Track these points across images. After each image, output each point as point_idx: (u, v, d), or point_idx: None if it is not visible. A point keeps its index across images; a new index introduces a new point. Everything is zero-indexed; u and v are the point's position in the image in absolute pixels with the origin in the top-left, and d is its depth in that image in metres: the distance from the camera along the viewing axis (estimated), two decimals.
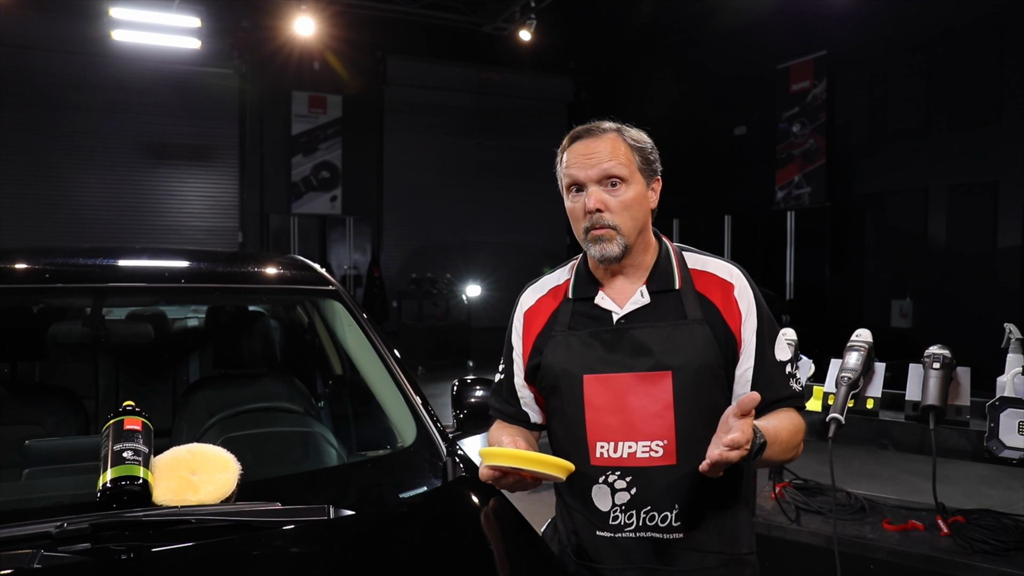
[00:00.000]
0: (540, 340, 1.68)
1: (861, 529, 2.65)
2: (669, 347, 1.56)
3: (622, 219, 1.57)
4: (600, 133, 1.61)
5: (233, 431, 2.10)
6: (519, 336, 1.73)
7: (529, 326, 1.72)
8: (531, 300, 1.75)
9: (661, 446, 1.55)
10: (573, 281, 1.70)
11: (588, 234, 1.58)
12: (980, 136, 9.51)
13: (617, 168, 1.57)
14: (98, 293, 2.54)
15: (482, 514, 1.79)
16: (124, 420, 1.63)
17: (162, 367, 3.41)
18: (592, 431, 1.58)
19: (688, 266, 1.67)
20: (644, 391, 1.55)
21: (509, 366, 1.77)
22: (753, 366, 1.60)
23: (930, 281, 10.16)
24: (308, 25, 11.75)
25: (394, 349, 2.44)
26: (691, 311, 1.59)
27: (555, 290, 1.73)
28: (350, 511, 1.63)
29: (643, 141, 1.65)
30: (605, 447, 1.57)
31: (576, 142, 1.63)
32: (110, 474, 1.53)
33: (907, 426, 2.52)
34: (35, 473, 1.92)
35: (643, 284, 1.63)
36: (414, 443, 2.06)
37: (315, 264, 2.80)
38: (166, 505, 1.55)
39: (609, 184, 1.57)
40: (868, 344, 2.68)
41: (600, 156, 1.57)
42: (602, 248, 1.57)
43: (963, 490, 5.70)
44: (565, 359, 1.61)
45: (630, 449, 1.55)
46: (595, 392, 1.57)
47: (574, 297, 1.67)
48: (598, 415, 1.57)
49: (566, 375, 1.60)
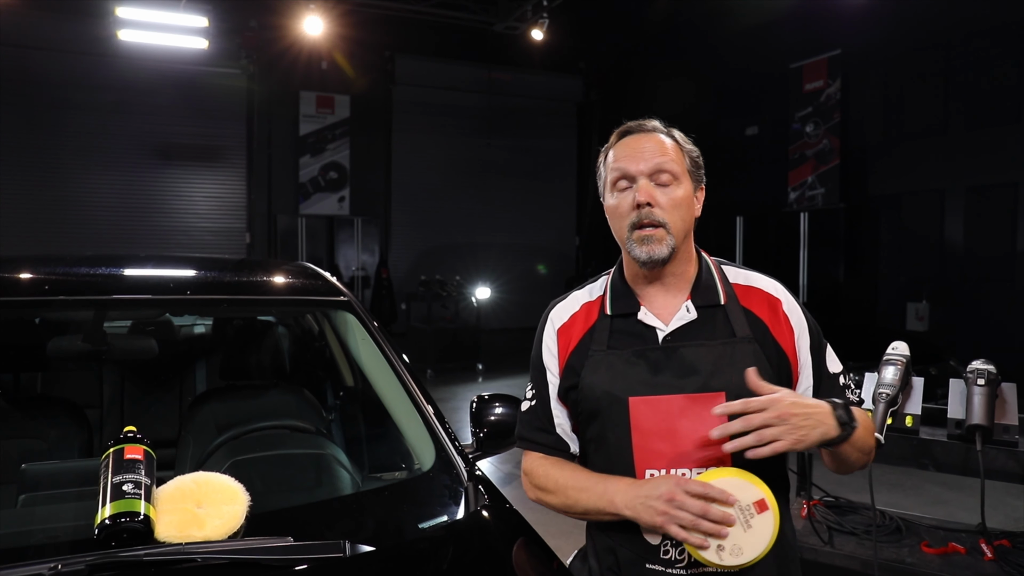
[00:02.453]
0: (575, 359, 1.55)
1: (899, 552, 2.52)
2: (720, 367, 1.46)
3: (672, 218, 1.47)
4: (652, 130, 1.54)
5: (241, 453, 1.99)
6: (553, 355, 1.58)
7: (564, 344, 1.58)
8: (563, 317, 1.61)
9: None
10: (610, 296, 1.58)
11: (633, 232, 1.47)
12: (998, 136, 9.35)
13: (670, 164, 1.48)
14: (100, 306, 2.43)
15: (512, 549, 1.66)
16: (124, 448, 1.51)
17: (167, 376, 3.30)
18: (640, 458, 1.45)
19: (730, 280, 1.58)
20: (696, 414, 1.43)
21: (542, 391, 1.60)
22: (812, 385, 1.54)
23: (947, 284, 10.00)
24: (317, 24, 11.66)
25: (409, 364, 2.32)
26: (739, 328, 1.50)
27: (588, 306, 1.60)
28: (368, 547, 1.51)
29: (692, 145, 1.57)
30: (655, 475, 1.44)
31: (627, 136, 1.54)
32: (109, 509, 1.41)
33: (950, 446, 2.39)
34: (31, 499, 1.81)
35: (687, 299, 1.53)
36: (433, 467, 1.94)
37: (325, 273, 2.69)
38: (169, 542, 1.43)
39: (660, 181, 1.48)
40: (906, 358, 2.54)
41: (653, 150, 1.49)
42: (650, 249, 1.46)
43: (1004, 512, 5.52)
44: (607, 381, 1.48)
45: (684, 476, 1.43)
46: (643, 416, 1.45)
47: (613, 313, 1.55)
48: (646, 440, 1.45)
49: (609, 398, 1.47)
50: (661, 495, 1.33)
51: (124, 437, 1.55)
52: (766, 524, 1.29)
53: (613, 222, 1.54)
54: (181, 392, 3.32)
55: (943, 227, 10.12)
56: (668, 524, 1.31)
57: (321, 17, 11.67)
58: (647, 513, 1.34)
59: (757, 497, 1.29)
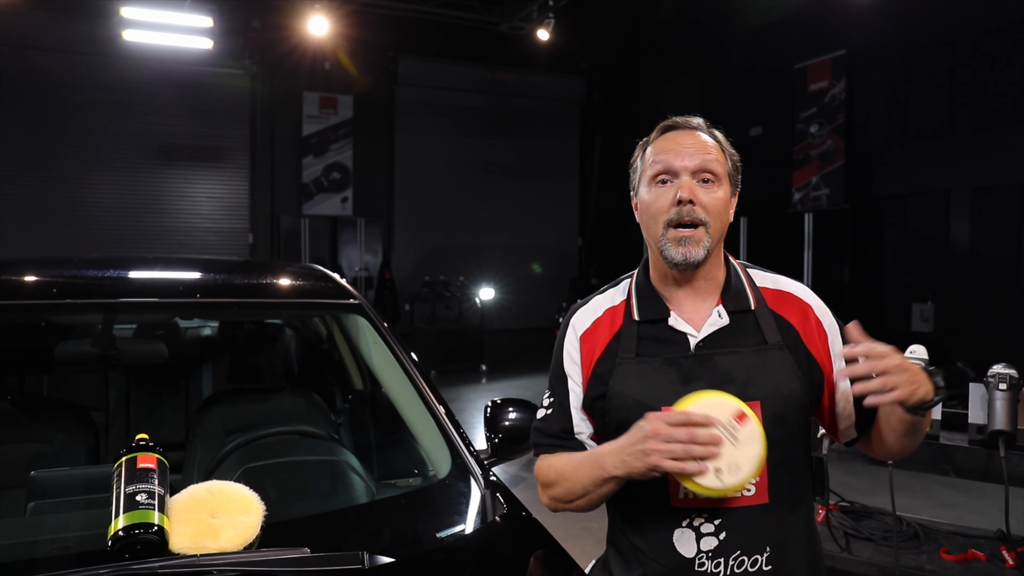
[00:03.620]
0: (601, 367, 1.48)
1: (918, 559, 2.48)
2: (754, 375, 1.41)
3: (712, 218, 1.42)
4: (696, 128, 1.49)
5: (253, 460, 1.95)
6: (576, 364, 1.51)
7: (588, 352, 1.51)
8: (586, 323, 1.54)
9: (754, 483, 1.39)
10: (636, 301, 1.51)
11: (669, 231, 1.42)
12: (1004, 136, 9.30)
13: (714, 164, 1.44)
14: (108, 309, 2.40)
15: (531, 558, 1.63)
16: (137, 457, 1.47)
17: (173, 380, 3.27)
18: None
19: (758, 284, 1.53)
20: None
21: (562, 399, 1.53)
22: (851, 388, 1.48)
23: (952, 285, 9.96)
24: (321, 24, 11.61)
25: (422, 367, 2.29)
26: (770, 335, 1.46)
27: (611, 311, 1.53)
28: (387, 558, 1.48)
29: (732, 149, 1.53)
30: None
31: (671, 131, 1.49)
32: (122, 521, 1.37)
33: (972, 451, 2.36)
34: (41, 507, 1.78)
35: (717, 303, 1.48)
36: (449, 474, 1.90)
37: (335, 275, 2.65)
38: (183, 554, 1.40)
39: (702, 180, 1.43)
40: (924, 361, 2.51)
41: (698, 148, 1.44)
42: (686, 251, 1.40)
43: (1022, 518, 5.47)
44: (638, 390, 1.42)
45: None
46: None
47: (641, 319, 1.48)
48: None
49: (641, 408, 1.39)
50: (645, 434, 1.28)
51: (136, 445, 1.52)
52: (752, 433, 1.27)
53: (646, 218, 1.47)
54: (187, 395, 3.29)
55: (949, 228, 10.06)
56: (660, 460, 1.25)
57: (326, 17, 11.64)
58: (637, 460, 1.29)
59: (735, 410, 1.27)
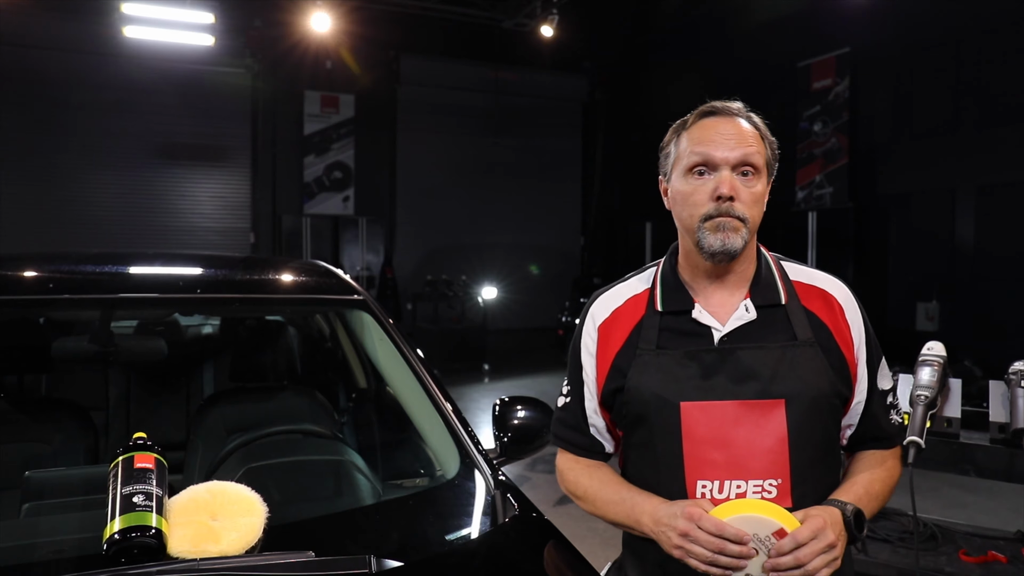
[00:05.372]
0: (621, 359, 1.42)
1: (937, 561, 2.42)
2: (780, 372, 1.35)
3: (752, 213, 1.37)
4: (736, 114, 1.41)
5: (255, 460, 1.89)
6: (591, 355, 1.47)
7: (605, 342, 1.45)
8: (606, 311, 1.48)
9: (775, 486, 1.33)
10: (661, 291, 1.45)
11: (708, 221, 1.35)
12: (1009, 135, 9.23)
13: (755, 156, 1.37)
14: (107, 305, 2.34)
15: (544, 560, 1.57)
16: (134, 457, 1.41)
17: (174, 378, 3.22)
18: (692, 467, 1.34)
19: (791, 278, 1.47)
20: (753, 422, 1.33)
21: (577, 389, 1.50)
22: (864, 400, 1.46)
23: (957, 283, 9.89)
24: (324, 21, 11.56)
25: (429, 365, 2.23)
26: (800, 331, 1.39)
27: (634, 300, 1.47)
28: (395, 562, 1.42)
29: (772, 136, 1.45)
30: (708, 486, 1.33)
31: (709, 118, 1.40)
32: (118, 523, 1.31)
33: (993, 450, 2.29)
34: (35, 508, 1.72)
35: (745, 297, 1.41)
36: (458, 474, 1.84)
37: (339, 271, 2.60)
38: (182, 558, 1.34)
39: (741, 172, 1.36)
40: (942, 359, 2.43)
41: (740, 139, 1.36)
42: (725, 237, 1.34)
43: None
44: (657, 383, 1.37)
45: (739, 489, 1.32)
46: (695, 422, 1.34)
47: (664, 310, 1.43)
48: (698, 449, 1.34)
49: (659, 402, 1.36)
50: (676, 528, 1.26)
51: (134, 444, 1.46)
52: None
53: (682, 209, 1.40)
54: (188, 394, 3.24)
55: (953, 226, 10.00)
56: (684, 557, 1.25)
57: (328, 14, 11.58)
58: (666, 542, 1.28)
59: (775, 528, 1.23)
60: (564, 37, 13.18)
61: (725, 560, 1.22)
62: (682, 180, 1.40)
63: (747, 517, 1.23)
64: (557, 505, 5.51)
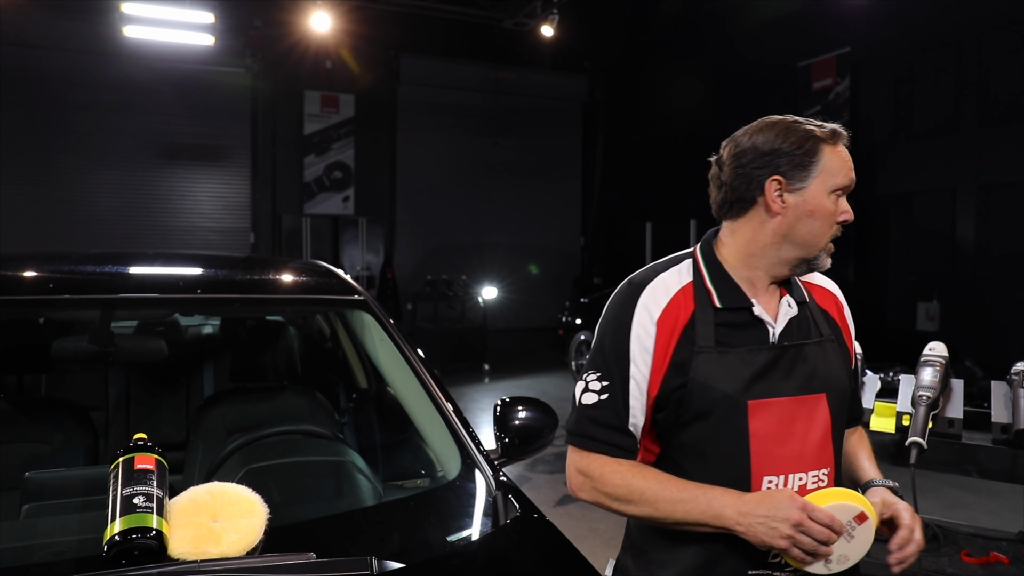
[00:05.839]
0: (680, 355, 1.39)
1: (939, 562, 2.41)
2: (818, 367, 1.44)
3: None
4: None
5: (256, 460, 1.89)
6: (647, 350, 1.39)
7: (665, 338, 1.40)
8: (659, 305, 1.42)
9: (826, 475, 1.42)
10: (715, 286, 1.43)
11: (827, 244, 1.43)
12: (1010, 134, 9.23)
13: None
14: (107, 305, 2.33)
15: (545, 561, 1.56)
16: (135, 458, 1.41)
17: (174, 378, 3.21)
18: (758, 464, 1.37)
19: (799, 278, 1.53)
20: (806, 416, 1.40)
21: (621, 385, 1.40)
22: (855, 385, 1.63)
23: (958, 283, 9.88)
24: (324, 20, 11.56)
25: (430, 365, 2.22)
26: (823, 328, 1.49)
27: (682, 293, 1.43)
28: (397, 563, 1.41)
29: None
30: (774, 481, 1.37)
31: (840, 143, 1.43)
32: (119, 525, 1.31)
33: (995, 451, 2.28)
34: (35, 510, 1.71)
35: (782, 294, 1.47)
36: (459, 475, 1.83)
37: (339, 271, 2.59)
38: (183, 559, 1.33)
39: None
40: (944, 359, 2.43)
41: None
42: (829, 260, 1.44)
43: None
44: (724, 381, 1.37)
45: (800, 481, 1.38)
46: (761, 420, 1.37)
47: (724, 306, 1.42)
48: (764, 446, 1.37)
49: (726, 400, 1.36)
50: (788, 519, 1.27)
51: (134, 445, 1.45)
52: (867, 532, 1.34)
53: (814, 222, 1.40)
54: (188, 394, 3.23)
55: (954, 226, 10.00)
56: (790, 547, 1.28)
57: (328, 13, 11.58)
58: (767, 533, 1.28)
59: (857, 512, 1.33)
60: (564, 37, 13.18)
61: (824, 549, 1.28)
62: (826, 197, 1.40)
63: (839, 505, 1.31)
64: (557, 506, 5.51)
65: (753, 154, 1.41)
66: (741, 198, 1.43)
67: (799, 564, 1.32)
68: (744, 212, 1.43)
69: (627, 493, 1.38)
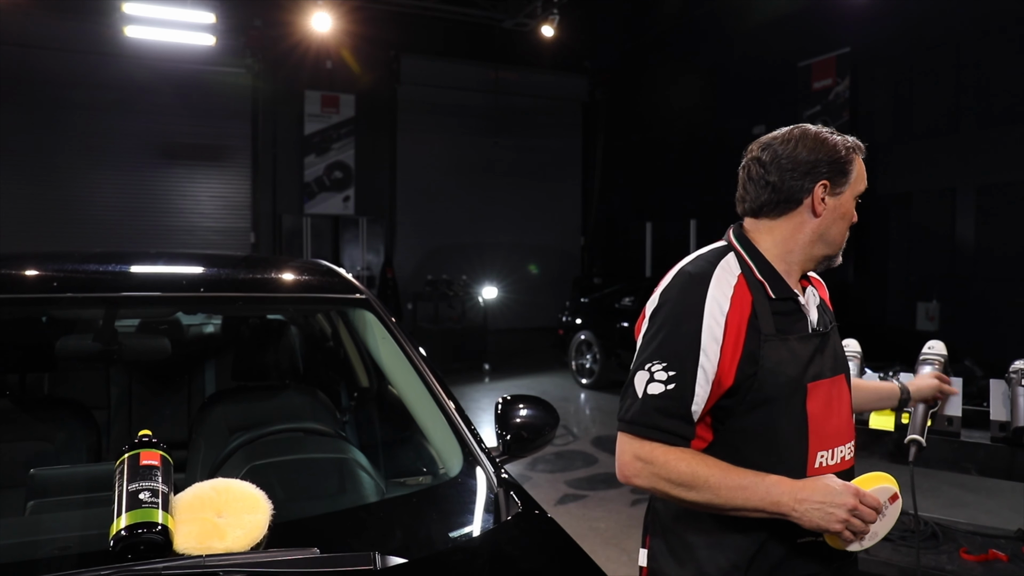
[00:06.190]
0: (751, 344, 1.48)
1: (938, 559, 2.43)
2: (838, 350, 1.64)
3: None
4: None
5: (259, 458, 1.90)
6: (716, 341, 1.46)
7: (734, 330, 1.47)
8: (728, 295, 1.50)
9: (853, 447, 1.61)
10: (768, 278, 1.55)
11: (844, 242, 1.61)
12: (1010, 134, 9.23)
13: None
14: (111, 303, 2.34)
15: (547, 557, 1.57)
16: (140, 454, 1.42)
17: (176, 377, 3.22)
18: (814, 441, 1.52)
19: None
20: (838, 395, 1.58)
21: (689, 375, 1.45)
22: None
23: (958, 283, 9.89)
24: (324, 21, 11.57)
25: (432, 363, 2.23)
26: (829, 315, 1.67)
27: (740, 284, 1.53)
28: (399, 558, 1.42)
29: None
30: (824, 456, 1.53)
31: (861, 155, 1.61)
32: (125, 520, 1.32)
33: (994, 449, 2.30)
34: (40, 506, 1.73)
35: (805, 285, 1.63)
36: (460, 472, 1.85)
37: (341, 270, 2.60)
38: (188, 554, 1.35)
39: None
40: (943, 358, 2.45)
41: None
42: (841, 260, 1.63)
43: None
44: (791, 367, 1.50)
45: (841, 453, 1.56)
46: (816, 401, 1.52)
47: (777, 296, 1.54)
48: (819, 424, 1.52)
49: (792, 384, 1.50)
50: (844, 504, 1.39)
51: (139, 442, 1.47)
52: (896, 510, 1.48)
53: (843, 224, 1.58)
54: (190, 393, 3.24)
55: (954, 226, 10.00)
56: (843, 529, 1.40)
57: (328, 13, 11.59)
58: (824, 518, 1.39)
59: (891, 493, 1.46)
60: (564, 37, 13.19)
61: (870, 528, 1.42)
62: (851, 199, 1.58)
63: (881, 488, 1.44)
64: (558, 504, 5.52)
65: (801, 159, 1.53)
66: (788, 199, 1.54)
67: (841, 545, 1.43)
68: (787, 212, 1.56)
69: (692, 479, 1.43)
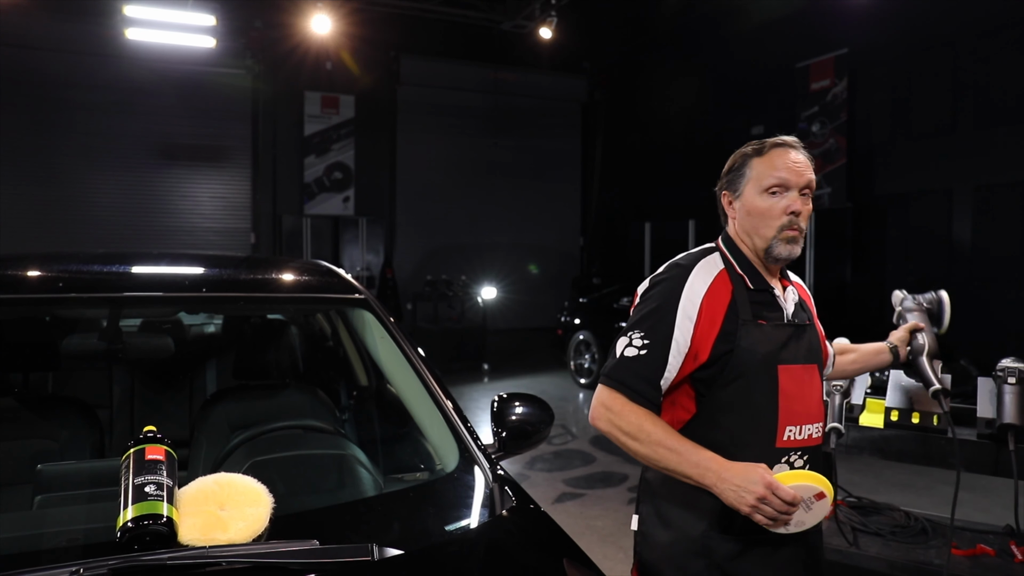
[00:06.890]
0: (728, 326, 1.71)
1: (926, 554, 2.47)
2: (813, 342, 1.83)
3: (805, 226, 1.79)
4: (801, 148, 1.80)
5: (260, 454, 1.94)
6: (690, 319, 1.70)
7: (711, 312, 1.71)
8: (706, 281, 1.74)
9: (820, 428, 1.81)
10: (747, 272, 1.79)
11: (782, 232, 1.75)
12: (1007, 135, 9.27)
13: (813, 182, 1.79)
14: (115, 303, 2.39)
15: (541, 550, 1.62)
16: (145, 449, 1.47)
17: (178, 376, 3.26)
18: (783, 417, 1.72)
19: None
20: (810, 381, 1.78)
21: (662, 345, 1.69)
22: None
23: (955, 284, 9.92)
24: (324, 23, 11.62)
25: (429, 362, 2.28)
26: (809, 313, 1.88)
27: (720, 276, 1.77)
28: (396, 550, 1.47)
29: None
30: (792, 431, 1.73)
31: (780, 148, 1.78)
32: (131, 512, 1.36)
33: (980, 445, 2.35)
34: (47, 501, 1.77)
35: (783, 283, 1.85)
36: (457, 468, 1.89)
37: (341, 270, 2.65)
38: (192, 545, 1.39)
39: (802, 193, 1.76)
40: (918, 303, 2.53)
41: (806, 168, 1.77)
42: (791, 248, 1.76)
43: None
44: (763, 348, 1.71)
45: (808, 431, 1.76)
46: (787, 381, 1.73)
47: (754, 288, 1.77)
48: (789, 402, 1.72)
49: (764, 364, 1.71)
50: (754, 492, 1.54)
51: (144, 437, 1.51)
52: (823, 506, 1.63)
53: (759, 220, 1.76)
54: (192, 392, 3.28)
55: (951, 227, 10.04)
56: (754, 514, 1.55)
57: (328, 15, 11.64)
58: (736, 500, 1.56)
59: (816, 492, 1.60)
60: (563, 38, 13.23)
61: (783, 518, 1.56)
62: (759, 196, 1.76)
63: (803, 485, 1.58)
64: (555, 503, 5.56)
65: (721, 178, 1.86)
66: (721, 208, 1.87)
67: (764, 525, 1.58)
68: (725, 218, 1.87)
69: (637, 431, 1.64)
